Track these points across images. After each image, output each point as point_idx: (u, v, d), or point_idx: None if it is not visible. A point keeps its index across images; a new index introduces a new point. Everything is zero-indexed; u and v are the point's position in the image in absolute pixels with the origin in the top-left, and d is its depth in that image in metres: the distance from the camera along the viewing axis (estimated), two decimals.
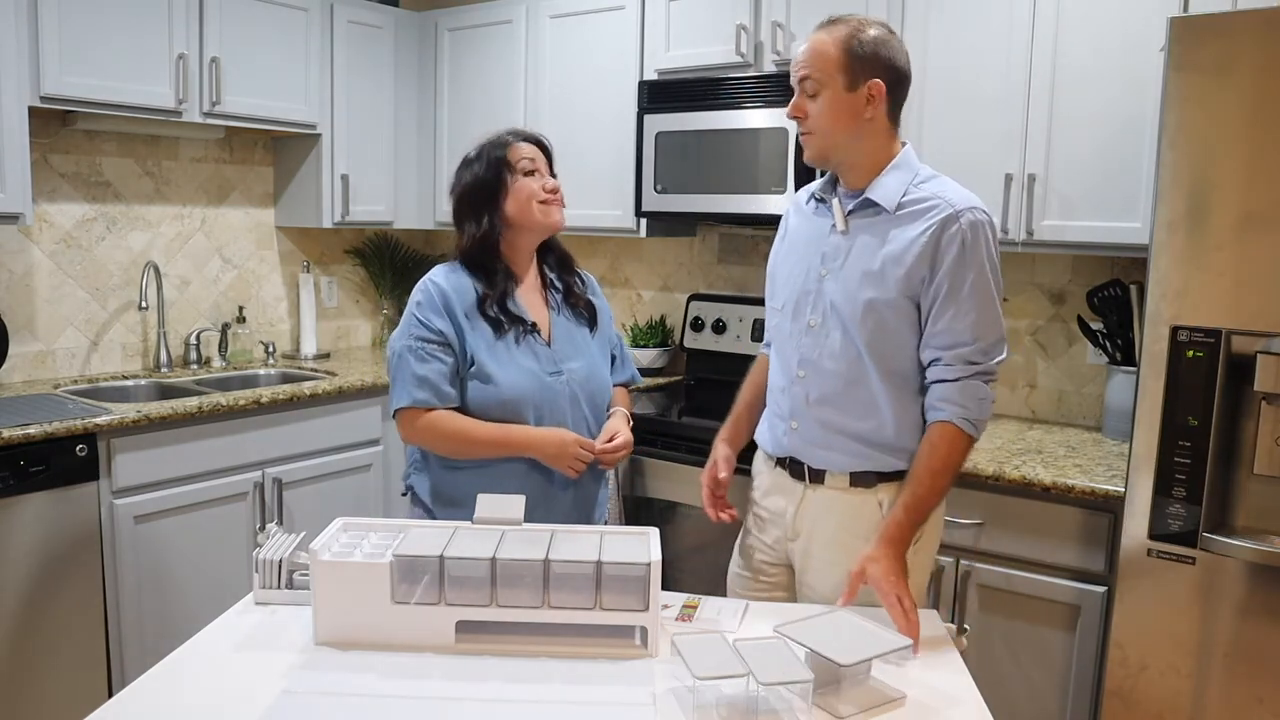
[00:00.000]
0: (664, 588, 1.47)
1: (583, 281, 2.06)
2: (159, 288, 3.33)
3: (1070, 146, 2.47)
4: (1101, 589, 2.19)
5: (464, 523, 1.57)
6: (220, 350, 3.54)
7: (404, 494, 2.01)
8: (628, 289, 3.74)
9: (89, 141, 3.19)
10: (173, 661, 1.40)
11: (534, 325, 1.91)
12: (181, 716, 1.27)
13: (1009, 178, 2.54)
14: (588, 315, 2.02)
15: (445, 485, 1.92)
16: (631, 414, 2.07)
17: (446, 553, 1.44)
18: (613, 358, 2.08)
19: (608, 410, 2.01)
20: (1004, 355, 1.72)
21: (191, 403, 2.81)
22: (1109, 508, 2.16)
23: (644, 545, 1.50)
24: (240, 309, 3.62)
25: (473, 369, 1.86)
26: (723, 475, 1.93)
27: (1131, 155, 2.38)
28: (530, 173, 1.90)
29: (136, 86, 2.93)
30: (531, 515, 1.82)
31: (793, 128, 2.75)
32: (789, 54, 2.85)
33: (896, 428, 1.69)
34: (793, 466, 1.77)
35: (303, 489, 3.10)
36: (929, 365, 1.68)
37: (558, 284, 2.01)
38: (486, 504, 1.59)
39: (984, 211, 1.67)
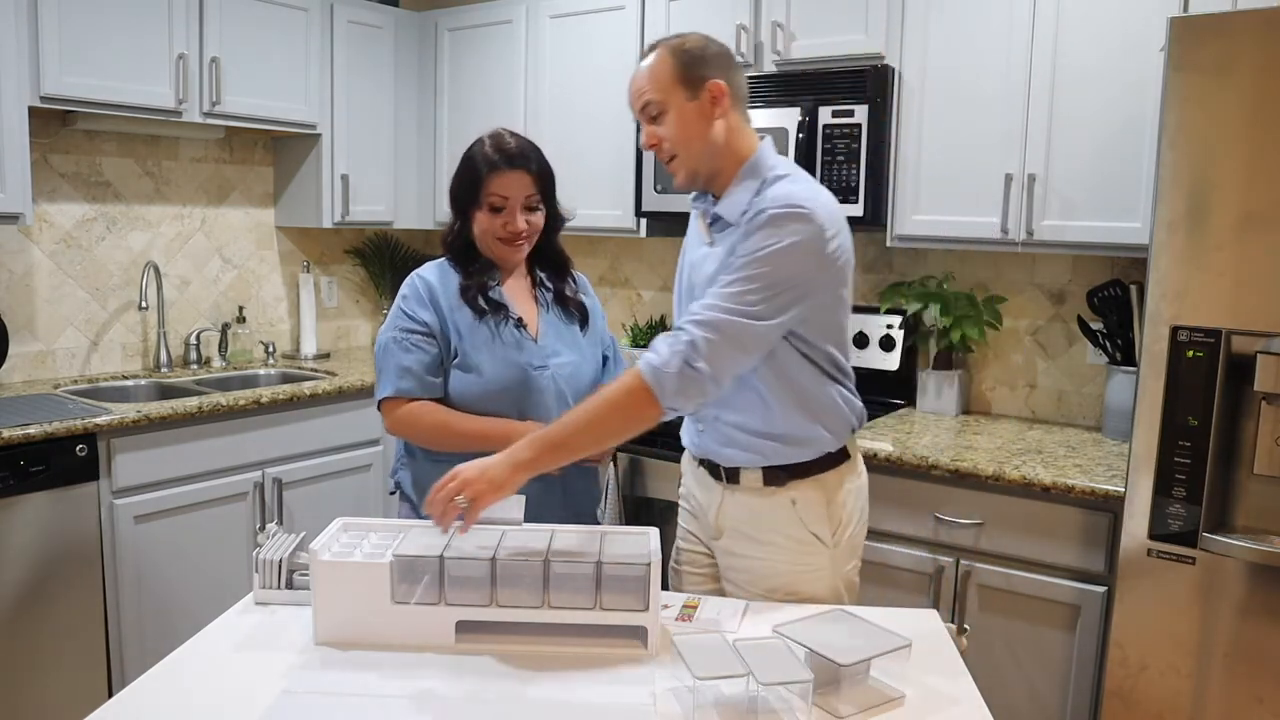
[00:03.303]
0: (664, 588, 1.47)
1: (575, 283, 2.05)
2: (159, 288, 3.33)
3: (1070, 146, 2.47)
4: (1101, 589, 2.19)
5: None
6: (220, 350, 3.54)
7: (392, 492, 2.00)
8: (628, 289, 3.74)
9: (89, 141, 3.19)
10: (173, 661, 1.40)
11: (520, 319, 1.90)
12: (181, 716, 1.27)
13: (1009, 178, 2.54)
14: (579, 315, 2.00)
15: (431, 479, 1.90)
16: None
17: (446, 553, 1.44)
18: (605, 358, 2.07)
19: None
20: (737, 325, 1.53)
21: (191, 403, 2.81)
22: (1109, 508, 2.16)
23: (644, 545, 1.50)
24: (240, 309, 3.62)
25: (456, 360, 1.86)
26: None
27: (1131, 155, 2.38)
28: (498, 209, 1.86)
29: (136, 86, 2.93)
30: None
31: (794, 128, 2.76)
32: (789, 54, 2.85)
33: (788, 420, 1.68)
34: (710, 466, 1.79)
35: (303, 489, 3.10)
36: None
37: (548, 284, 2.00)
38: None
39: (800, 208, 1.56)
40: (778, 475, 1.70)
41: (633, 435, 1.59)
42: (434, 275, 1.92)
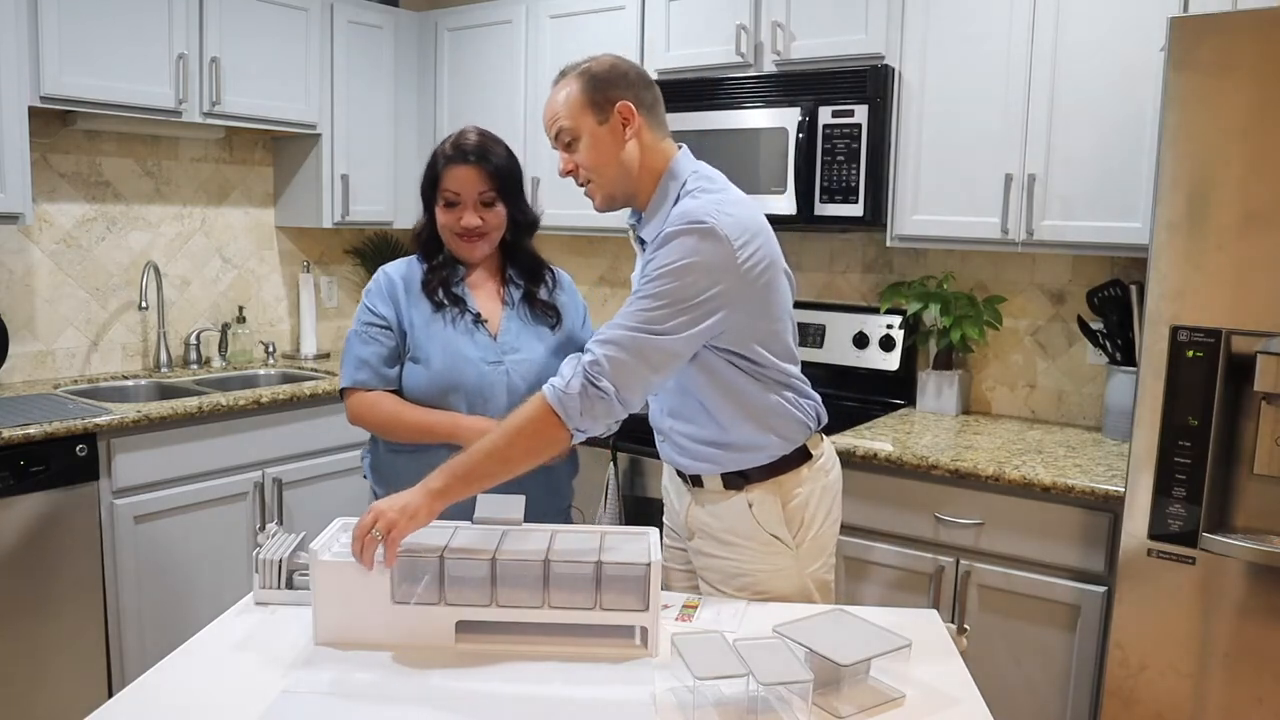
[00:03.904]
0: (664, 588, 1.47)
1: (554, 281, 2.03)
2: (159, 288, 3.33)
3: (1070, 146, 2.47)
4: (1101, 589, 2.19)
5: (464, 522, 1.57)
6: (220, 350, 3.54)
7: (365, 476, 2.03)
8: (627, 289, 3.73)
9: (89, 141, 3.19)
10: (173, 661, 1.40)
11: (478, 315, 1.91)
12: (181, 716, 1.27)
13: (1009, 178, 2.54)
14: (550, 315, 1.98)
15: (388, 467, 1.93)
16: None
17: (446, 552, 1.44)
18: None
19: None
20: (642, 340, 1.52)
21: (191, 403, 2.81)
22: (1109, 508, 2.16)
23: (644, 545, 1.50)
24: (240, 309, 3.62)
25: (409, 352, 1.89)
26: None
27: (1131, 155, 2.38)
28: (452, 204, 1.88)
29: (136, 86, 2.93)
30: (468, 499, 1.80)
31: (794, 128, 2.76)
32: (789, 54, 2.85)
33: (736, 430, 1.68)
34: (678, 472, 1.81)
35: (303, 489, 3.10)
36: None
37: (517, 282, 1.99)
38: (486, 504, 1.59)
39: (700, 224, 1.54)
40: (735, 479, 1.71)
41: (543, 460, 1.55)
42: (399, 270, 1.95)
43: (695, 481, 1.76)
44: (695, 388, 1.67)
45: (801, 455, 1.72)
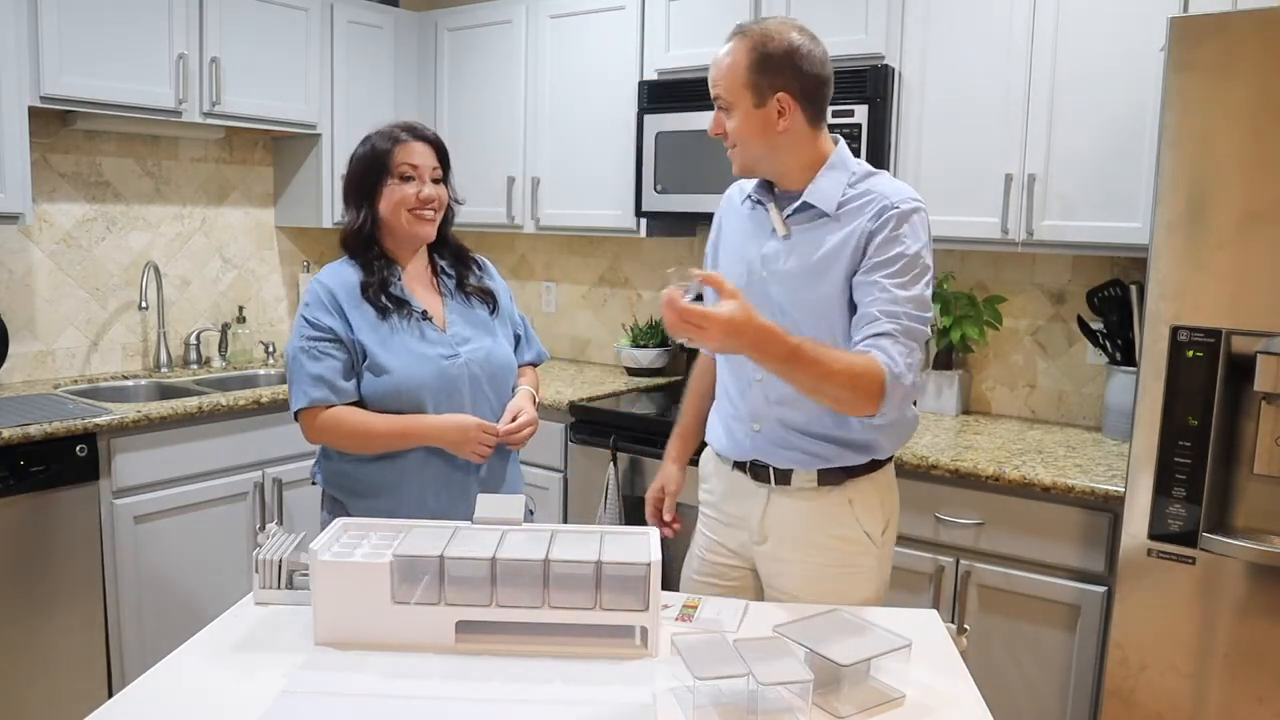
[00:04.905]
0: (664, 588, 1.47)
1: (480, 268, 2.04)
2: (159, 288, 3.33)
3: (1070, 147, 2.47)
4: (1101, 589, 2.19)
5: (464, 523, 1.57)
6: (220, 350, 3.54)
7: (313, 482, 2.00)
8: (628, 289, 3.74)
9: (89, 141, 3.19)
10: (173, 661, 1.40)
11: (424, 312, 1.90)
12: (181, 716, 1.27)
13: (1009, 178, 2.54)
14: (486, 301, 1.99)
15: (352, 476, 1.90)
16: (538, 391, 2.05)
17: (446, 553, 1.44)
18: (517, 338, 2.06)
19: (513, 390, 1.98)
20: (926, 334, 1.60)
21: (191, 403, 2.81)
22: (1109, 508, 2.16)
23: (644, 545, 1.50)
24: (240, 309, 3.62)
25: (365, 362, 1.85)
26: (672, 489, 1.98)
27: (1131, 155, 2.38)
28: (409, 179, 1.87)
29: (136, 86, 2.93)
30: (440, 501, 1.82)
31: None
32: None
33: (861, 422, 1.64)
34: (754, 470, 1.75)
35: (303, 489, 3.10)
36: (863, 325, 1.58)
37: (449, 271, 1.99)
38: (486, 504, 1.59)
39: (918, 201, 1.63)
40: (834, 474, 1.69)
41: (840, 407, 1.54)
42: (333, 278, 1.91)
43: (780, 479, 1.72)
44: None
45: (888, 455, 1.74)
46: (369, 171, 1.89)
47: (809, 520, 1.71)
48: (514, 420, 1.90)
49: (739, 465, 1.78)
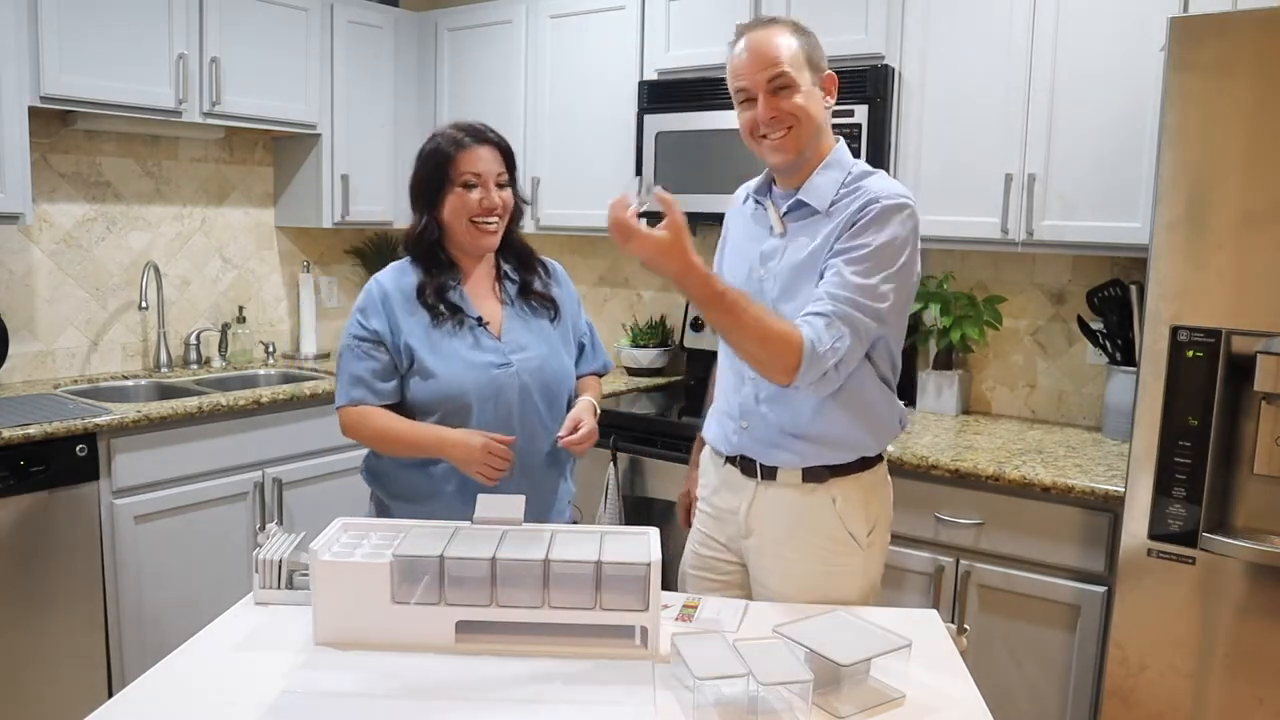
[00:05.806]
0: (664, 588, 1.47)
1: (547, 272, 2.01)
2: (159, 288, 3.33)
3: (1070, 147, 2.47)
4: (1101, 589, 2.19)
5: (464, 523, 1.57)
6: (220, 350, 3.54)
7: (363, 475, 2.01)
8: (628, 289, 3.74)
9: (89, 141, 3.19)
10: (173, 661, 1.40)
11: (480, 319, 1.88)
12: (181, 716, 1.27)
13: (1009, 178, 2.54)
14: (547, 307, 1.96)
15: (388, 476, 1.92)
16: (599, 401, 2.02)
17: (446, 553, 1.44)
18: (581, 346, 2.04)
19: (570, 400, 1.95)
20: (869, 326, 1.58)
21: (191, 403, 2.81)
22: (1109, 508, 2.16)
23: (644, 545, 1.50)
24: (240, 309, 3.62)
25: (412, 366, 1.85)
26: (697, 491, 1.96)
27: (1131, 155, 2.38)
28: (472, 186, 1.84)
29: (136, 86, 2.93)
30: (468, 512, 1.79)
31: None
32: None
33: (847, 421, 1.67)
34: (744, 464, 1.76)
35: (303, 489, 3.10)
36: (808, 303, 1.60)
37: (513, 276, 1.96)
38: (486, 504, 1.59)
39: (905, 199, 1.62)
40: (818, 472, 1.69)
41: (756, 366, 1.58)
42: (391, 279, 1.90)
43: (766, 474, 1.72)
44: None
45: (877, 456, 1.74)
46: (431, 178, 1.87)
47: (793, 516, 1.71)
48: (575, 431, 1.86)
49: (730, 460, 1.79)
